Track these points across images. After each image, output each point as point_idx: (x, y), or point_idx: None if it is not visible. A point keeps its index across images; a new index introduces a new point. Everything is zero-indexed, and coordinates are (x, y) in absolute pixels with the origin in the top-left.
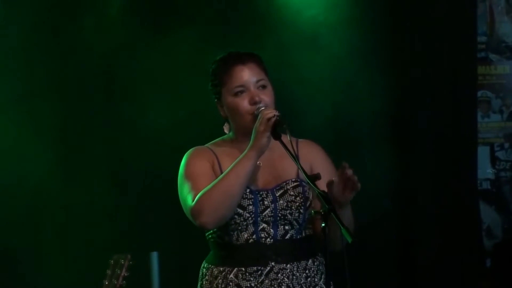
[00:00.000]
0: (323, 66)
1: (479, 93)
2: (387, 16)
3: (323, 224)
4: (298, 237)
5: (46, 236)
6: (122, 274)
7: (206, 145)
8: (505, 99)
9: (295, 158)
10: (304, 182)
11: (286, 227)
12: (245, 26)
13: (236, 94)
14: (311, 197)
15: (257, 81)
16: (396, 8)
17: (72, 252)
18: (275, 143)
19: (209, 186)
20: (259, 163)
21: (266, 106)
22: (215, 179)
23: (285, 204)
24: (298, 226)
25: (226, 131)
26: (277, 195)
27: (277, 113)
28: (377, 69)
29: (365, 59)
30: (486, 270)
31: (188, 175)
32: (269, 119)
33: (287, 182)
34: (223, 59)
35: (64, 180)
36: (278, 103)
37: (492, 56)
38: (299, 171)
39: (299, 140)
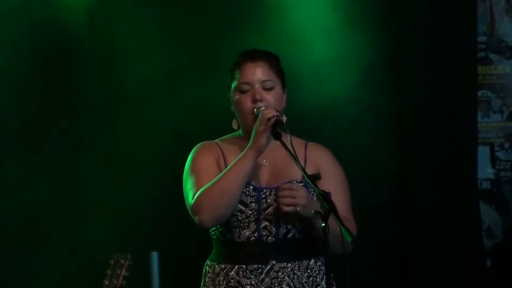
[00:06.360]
0: (321, 67)
1: (479, 93)
2: (387, 16)
3: (323, 224)
4: (301, 236)
5: (46, 236)
6: (122, 274)
7: (215, 140)
8: (505, 99)
9: (295, 157)
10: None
11: (289, 226)
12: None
13: (242, 91)
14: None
15: (264, 81)
16: (396, 8)
17: (72, 252)
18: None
19: (208, 184)
20: (265, 161)
21: (266, 106)
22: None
23: None
24: (300, 227)
25: (234, 127)
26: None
27: (277, 113)
28: (377, 69)
29: (364, 59)
30: (486, 270)
31: (192, 170)
32: (269, 119)
33: (292, 182)
34: (239, 55)
35: (64, 180)
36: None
37: (492, 56)
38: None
39: (309, 143)
